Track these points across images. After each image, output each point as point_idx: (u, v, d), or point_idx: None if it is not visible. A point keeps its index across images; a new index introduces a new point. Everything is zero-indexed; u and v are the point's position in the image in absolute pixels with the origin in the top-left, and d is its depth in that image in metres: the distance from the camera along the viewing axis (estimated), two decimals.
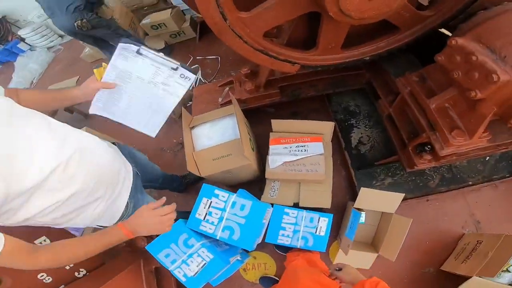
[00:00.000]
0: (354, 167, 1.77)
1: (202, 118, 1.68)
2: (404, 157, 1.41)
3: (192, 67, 2.93)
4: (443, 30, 1.37)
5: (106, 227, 0.92)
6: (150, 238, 1.29)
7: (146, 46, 0.90)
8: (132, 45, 0.86)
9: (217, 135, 1.58)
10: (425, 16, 1.27)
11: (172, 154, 2.38)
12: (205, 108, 1.95)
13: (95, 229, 0.96)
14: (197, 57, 3.20)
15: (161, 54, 0.90)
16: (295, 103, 2.00)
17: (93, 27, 2.84)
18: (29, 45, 5.41)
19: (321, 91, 1.90)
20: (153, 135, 1.04)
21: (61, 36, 5.36)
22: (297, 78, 1.80)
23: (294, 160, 1.52)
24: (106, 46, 3.33)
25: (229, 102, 1.87)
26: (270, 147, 1.61)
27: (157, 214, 0.79)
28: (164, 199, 0.85)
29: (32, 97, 0.89)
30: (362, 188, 1.40)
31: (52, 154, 0.73)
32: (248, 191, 1.45)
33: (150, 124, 1.02)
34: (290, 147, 1.58)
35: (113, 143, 1.11)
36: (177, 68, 0.91)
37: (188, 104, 2.58)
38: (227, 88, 2.00)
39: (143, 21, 3.38)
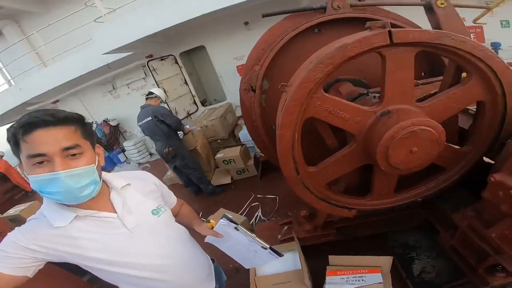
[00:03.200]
0: None
1: None
2: (476, 278, 1.37)
3: (252, 205, 3.38)
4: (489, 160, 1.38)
5: None
6: None
7: (240, 226, 1.09)
8: (232, 223, 1.09)
9: (278, 265, 1.79)
10: (465, 152, 1.36)
11: (226, 276, 2.33)
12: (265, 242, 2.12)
13: None
14: (258, 195, 3.43)
15: (254, 235, 1.10)
16: (351, 240, 2.04)
17: (173, 155, 3.48)
18: (126, 157, 6.74)
19: (377, 230, 1.96)
20: (246, 267, 1.32)
21: (150, 154, 6.70)
22: (353, 219, 1.83)
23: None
24: (181, 175, 3.81)
25: (288, 239, 2.06)
26: (327, 277, 1.65)
27: None
28: None
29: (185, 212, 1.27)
30: None
31: None
32: None
33: (243, 262, 1.31)
34: (347, 278, 1.62)
35: (212, 259, 1.31)
36: (266, 248, 1.11)
37: None
38: (286, 227, 2.23)
39: (218, 155, 3.91)
